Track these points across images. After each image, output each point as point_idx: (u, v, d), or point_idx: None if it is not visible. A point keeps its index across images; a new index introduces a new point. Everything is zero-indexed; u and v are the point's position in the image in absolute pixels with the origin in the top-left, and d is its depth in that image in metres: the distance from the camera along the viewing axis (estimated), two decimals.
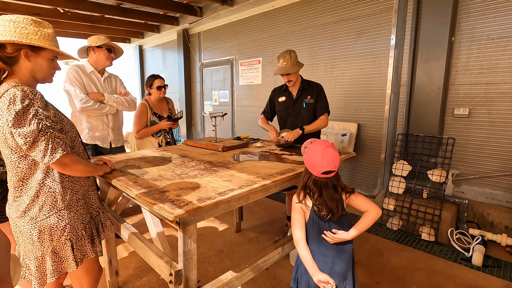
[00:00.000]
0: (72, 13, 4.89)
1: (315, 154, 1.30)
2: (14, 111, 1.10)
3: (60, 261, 1.29)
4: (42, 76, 1.28)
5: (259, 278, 2.16)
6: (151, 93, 2.86)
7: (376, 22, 3.38)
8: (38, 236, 1.23)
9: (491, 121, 2.78)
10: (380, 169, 3.54)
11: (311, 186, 1.34)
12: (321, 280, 1.27)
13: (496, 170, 2.80)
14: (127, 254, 2.53)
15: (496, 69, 2.70)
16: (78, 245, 1.33)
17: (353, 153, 2.30)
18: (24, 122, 1.12)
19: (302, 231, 1.35)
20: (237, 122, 5.54)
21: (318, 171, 1.29)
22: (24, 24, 1.18)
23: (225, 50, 5.50)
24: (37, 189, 1.22)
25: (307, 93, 2.49)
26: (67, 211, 1.28)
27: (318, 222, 1.34)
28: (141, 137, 2.81)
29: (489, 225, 2.81)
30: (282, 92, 2.60)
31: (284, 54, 2.35)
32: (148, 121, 2.82)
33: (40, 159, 1.17)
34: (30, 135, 1.12)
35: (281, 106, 2.60)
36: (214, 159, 1.92)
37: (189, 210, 1.08)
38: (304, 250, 1.33)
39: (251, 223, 3.13)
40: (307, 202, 1.35)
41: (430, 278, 2.17)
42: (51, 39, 1.25)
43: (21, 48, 1.18)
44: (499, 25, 2.63)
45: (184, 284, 1.21)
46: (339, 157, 1.32)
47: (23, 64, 1.21)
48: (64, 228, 1.27)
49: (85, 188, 1.38)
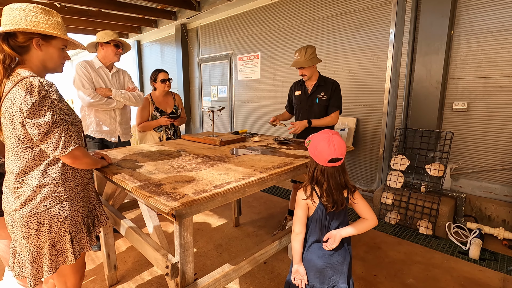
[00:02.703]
0: (68, 7, 4.84)
1: (321, 141, 1.27)
2: (31, 102, 1.09)
3: (57, 254, 1.27)
4: (53, 65, 1.27)
5: (257, 272, 2.17)
6: (156, 88, 2.89)
7: (375, 16, 3.36)
8: (36, 229, 1.20)
9: (490, 115, 2.77)
10: (378, 164, 3.55)
11: (318, 177, 1.30)
12: (299, 272, 1.34)
13: (494, 164, 2.81)
14: (125, 248, 2.54)
15: (495, 62, 2.68)
16: (77, 237, 1.32)
17: (351, 147, 2.30)
18: (40, 113, 1.11)
19: (303, 226, 1.36)
20: (236, 117, 5.53)
21: (325, 159, 1.26)
22: (34, 13, 1.16)
23: (224, 45, 5.46)
24: (40, 180, 1.19)
25: (321, 90, 2.53)
26: (69, 203, 1.27)
27: (321, 217, 1.33)
28: (142, 130, 2.86)
29: (486, 218, 2.82)
30: (299, 86, 2.67)
31: (301, 48, 2.44)
32: (150, 115, 2.86)
33: (52, 151, 1.16)
34: (44, 127, 1.12)
35: (296, 100, 2.68)
36: (212, 153, 1.92)
37: (185, 202, 1.08)
38: (298, 244, 1.35)
39: (250, 217, 3.14)
40: (314, 198, 1.32)
41: (427, 271, 2.18)
42: (60, 27, 1.23)
43: (33, 37, 1.16)
44: (499, 18, 2.61)
45: (180, 277, 1.22)
46: (345, 144, 1.30)
47: (34, 54, 1.19)
48: (65, 219, 1.25)
49: (85, 180, 1.38)
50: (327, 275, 1.34)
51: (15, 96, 1.09)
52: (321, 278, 1.34)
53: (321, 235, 1.35)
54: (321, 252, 1.34)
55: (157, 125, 2.85)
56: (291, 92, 2.78)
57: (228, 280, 1.41)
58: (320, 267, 1.33)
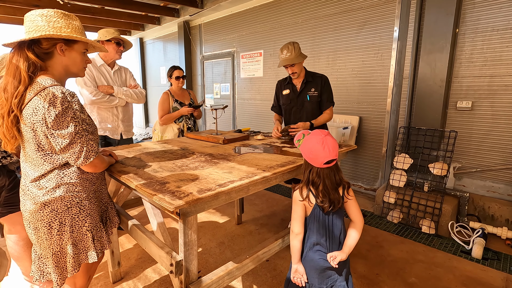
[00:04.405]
0: (72, 4, 4.85)
1: (315, 144, 1.28)
2: (54, 114, 1.09)
3: (79, 252, 1.29)
4: (76, 70, 1.27)
5: (260, 270, 2.19)
6: (172, 83, 3.08)
7: (379, 13, 3.33)
8: (58, 229, 1.21)
9: (494, 114, 2.75)
10: (381, 162, 3.54)
11: (314, 179, 1.31)
12: (298, 271, 1.36)
13: (498, 164, 2.79)
14: (130, 245, 2.56)
15: (500, 61, 2.66)
16: (98, 236, 1.34)
17: (354, 145, 2.29)
18: (63, 124, 1.12)
19: (302, 226, 1.36)
20: (238, 115, 5.52)
21: (321, 162, 1.27)
22: (56, 18, 1.16)
23: (226, 43, 5.45)
24: (58, 180, 1.20)
25: (311, 86, 2.44)
26: (88, 202, 1.29)
27: (319, 216, 1.34)
28: (164, 123, 2.99)
29: (489, 218, 2.81)
30: (286, 85, 2.55)
31: (287, 45, 2.31)
32: (171, 107, 3.01)
33: (74, 161, 1.18)
34: (67, 137, 1.13)
35: (284, 99, 2.55)
36: (215, 152, 1.93)
37: (189, 201, 1.08)
38: (297, 243, 1.36)
39: (252, 215, 3.15)
40: (311, 199, 1.33)
41: (429, 270, 2.18)
42: (81, 31, 1.23)
43: (57, 43, 1.16)
44: (505, 16, 2.58)
45: (184, 274, 1.23)
46: (337, 144, 1.32)
47: (58, 59, 1.20)
48: (85, 218, 1.27)
49: (100, 180, 1.39)
50: (326, 275, 1.35)
51: (37, 105, 1.09)
52: (321, 278, 1.35)
53: (320, 235, 1.35)
54: (322, 254, 1.35)
55: (179, 115, 2.99)
56: (278, 91, 2.64)
57: (232, 277, 1.42)
58: (320, 268, 1.34)
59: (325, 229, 1.35)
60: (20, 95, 1.10)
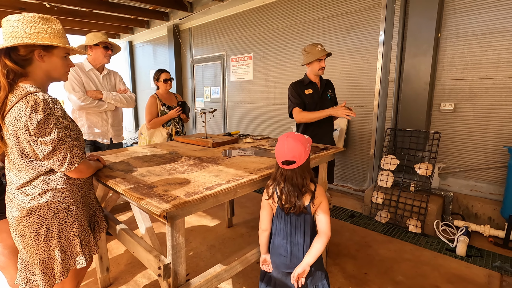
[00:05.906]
0: (59, 8, 4.79)
1: (278, 144, 1.36)
2: (37, 121, 1.08)
3: (67, 258, 1.28)
4: (57, 75, 1.25)
5: (250, 271, 2.20)
6: (159, 86, 3.02)
7: (365, 18, 3.41)
8: (45, 235, 1.20)
9: (476, 115, 2.85)
10: (369, 164, 3.61)
11: (277, 177, 1.39)
12: (266, 260, 1.51)
13: (480, 163, 2.89)
14: (119, 251, 2.53)
15: (480, 64, 2.76)
16: (86, 241, 1.34)
17: (341, 148, 2.34)
18: (46, 131, 1.10)
19: (268, 223, 1.47)
20: (229, 118, 5.54)
21: (280, 161, 1.34)
22: (33, 23, 1.13)
23: (216, 46, 5.47)
24: (44, 186, 1.19)
25: (328, 87, 2.66)
26: (75, 207, 1.28)
27: (281, 217, 1.41)
28: (152, 127, 2.94)
29: (473, 216, 2.89)
30: (306, 86, 2.59)
31: (316, 43, 2.50)
32: (159, 111, 2.96)
33: (58, 167, 1.17)
34: (50, 144, 1.12)
35: (308, 98, 2.59)
36: (204, 155, 1.94)
37: (176, 204, 1.10)
38: (264, 238, 1.49)
39: (243, 218, 3.16)
40: (275, 198, 1.39)
41: (416, 268, 2.24)
42: (61, 35, 1.20)
43: (34, 49, 1.14)
44: (484, 21, 2.69)
45: (172, 277, 1.23)
46: (301, 149, 1.31)
47: (38, 65, 1.17)
48: (73, 223, 1.26)
49: (87, 185, 1.39)
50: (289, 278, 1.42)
51: (19, 112, 1.08)
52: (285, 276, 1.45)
53: (281, 237, 1.41)
54: (282, 258, 1.41)
55: (168, 119, 2.95)
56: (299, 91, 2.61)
57: (220, 280, 1.43)
58: (281, 272, 1.46)
59: (286, 232, 1.40)
60: (0, 102, 1.09)
